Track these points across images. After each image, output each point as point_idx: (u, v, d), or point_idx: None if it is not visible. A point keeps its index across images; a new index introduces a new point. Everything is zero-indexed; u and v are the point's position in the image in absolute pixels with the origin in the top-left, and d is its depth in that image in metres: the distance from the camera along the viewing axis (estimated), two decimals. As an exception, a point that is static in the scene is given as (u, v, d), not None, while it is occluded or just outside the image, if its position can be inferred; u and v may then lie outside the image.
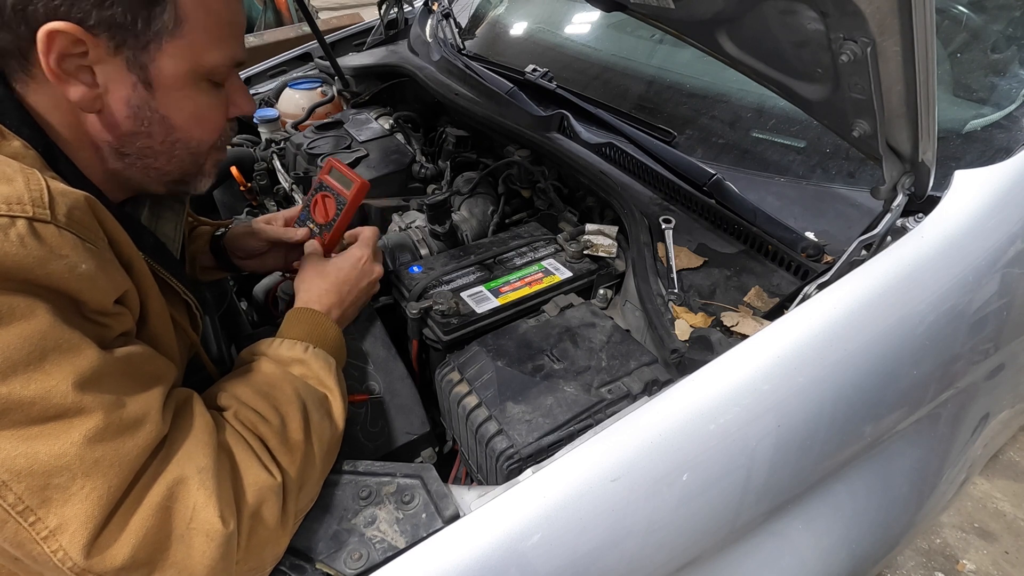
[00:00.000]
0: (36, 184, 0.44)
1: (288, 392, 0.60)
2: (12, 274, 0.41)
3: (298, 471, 0.55)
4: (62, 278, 0.43)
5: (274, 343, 0.67)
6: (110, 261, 0.50)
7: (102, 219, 0.50)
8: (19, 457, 0.41)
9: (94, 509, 0.42)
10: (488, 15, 1.87)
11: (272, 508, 0.51)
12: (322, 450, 0.59)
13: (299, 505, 0.56)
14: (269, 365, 0.63)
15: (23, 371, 0.41)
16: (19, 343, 0.41)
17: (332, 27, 2.76)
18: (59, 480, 0.42)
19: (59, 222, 0.44)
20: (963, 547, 1.66)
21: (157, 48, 0.54)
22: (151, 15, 0.52)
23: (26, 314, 0.42)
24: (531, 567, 0.54)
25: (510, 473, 0.64)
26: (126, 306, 0.52)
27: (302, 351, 0.66)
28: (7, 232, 0.41)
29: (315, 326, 0.71)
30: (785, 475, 0.67)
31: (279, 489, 0.52)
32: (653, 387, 0.71)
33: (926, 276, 0.70)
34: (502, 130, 1.21)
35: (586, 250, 0.94)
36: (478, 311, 0.83)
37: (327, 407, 0.63)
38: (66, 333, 0.43)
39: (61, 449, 0.42)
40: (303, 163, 1.31)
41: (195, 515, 0.46)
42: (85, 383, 0.43)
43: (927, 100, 0.57)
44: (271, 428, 0.56)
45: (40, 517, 0.41)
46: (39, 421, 0.42)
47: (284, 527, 0.53)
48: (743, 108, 1.13)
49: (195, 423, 0.51)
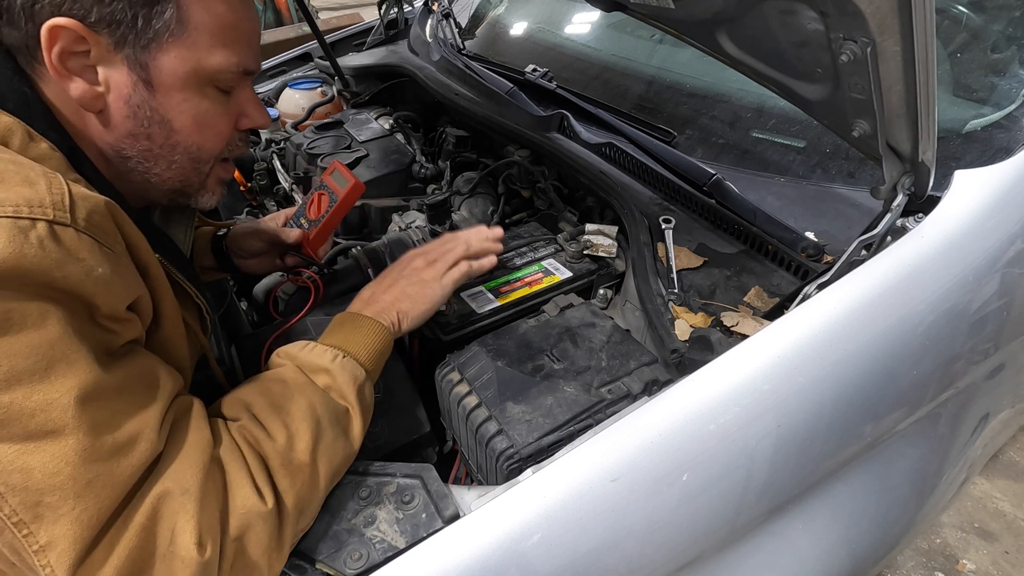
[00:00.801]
0: (58, 188, 0.45)
1: (303, 407, 0.57)
2: (30, 277, 0.41)
3: (297, 495, 0.53)
4: (78, 281, 0.44)
5: (307, 347, 0.64)
6: (126, 266, 0.50)
7: (121, 223, 0.50)
8: (15, 472, 0.40)
9: (83, 530, 0.42)
10: (488, 15, 1.87)
11: (259, 534, 0.49)
12: (329, 471, 0.57)
13: (297, 527, 0.54)
14: (293, 373, 0.61)
15: (27, 381, 0.41)
16: (27, 352, 0.41)
17: (332, 27, 2.76)
18: (51, 499, 0.41)
19: (78, 225, 0.45)
20: (963, 547, 1.66)
21: (158, 48, 0.54)
22: (152, 13, 0.52)
23: (37, 322, 0.41)
24: (531, 567, 0.54)
25: (510, 473, 0.64)
26: (138, 312, 0.52)
27: (330, 360, 0.62)
28: (27, 235, 0.41)
29: (354, 332, 0.67)
30: (785, 475, 0.67)
31: (269, 516, 0.50)
32: (653, 387, 0.71)
33: (926, 276, 0.70)
34: (502, 130, 1.21)
35: (586, 250, 0.94)
36: (478, 311, 0.83)
37: (344, 424, 0.60)
38: (74, 344, 0.43)
39: (55, 467, 0.41)
40: (303, 163, 1.31)
41: (174, 538, 0.45)
42: (86, 398, 0.43)
43: (927, 100, 0.57)
44: (275, 447, 0.54)
45: (32, 532, 0.41)
46: (36, 436, 0.41)
47: (278, 551, 0.51)
48: (743, 108, 1.13)
49: (188, 439, 0.50)
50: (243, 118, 0.65)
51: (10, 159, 0.45)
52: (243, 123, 0.65)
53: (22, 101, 0.51)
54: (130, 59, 0.54)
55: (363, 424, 0.62)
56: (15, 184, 0.43)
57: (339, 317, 0.70)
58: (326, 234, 0.88)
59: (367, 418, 0.63)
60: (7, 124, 0.49)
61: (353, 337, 0.67)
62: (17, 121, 0.49)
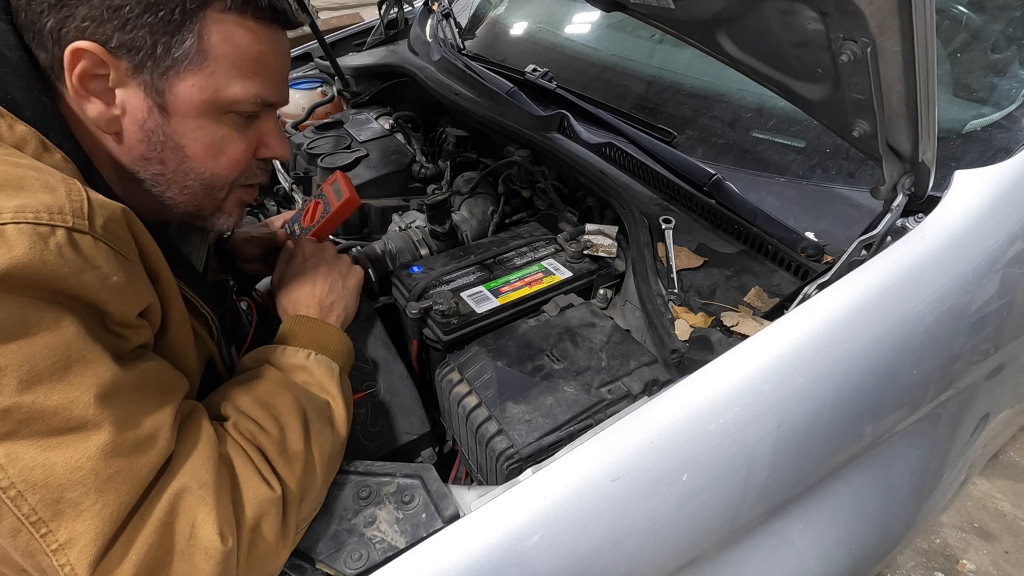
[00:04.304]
0: (77, 195, 0.45)
1: (288, 401, 0.59)
2: (47, 283, 0.42)
3: (298, 482, 0.55)
4: (93, 289, 0.44)
5: (277, 350, 0.66)
6: (139, 273, 0.51)
7: (135, 231, 0.51)
8: (36, 468, 0.41)
9: (104, 525, 0.42)
10: (488, 15, 1.87)
11: (272, 522, 0.51)
12: (323, 459, 0.59)
13: (300, 515, 0.55)
14: (271, 373, 0.63)
15: (47, 380, 0.41)
16: (45, 352, 0.41)
17: (332, 27, 2.76)
18: (72, 494, 0.42)
19: (96, 233, 0.45)
20: (963, 547, 1.66)
21: (176, 75, 0.55)
22: (172, 42, 0.53)
23: (52, 325, 0.42)
24: (531, 567, 0.54)
25: (510, 473, 0.64)
26: (147, 319, 0.53)
27: (304, 358, 0.65)
28: (47, 241, 0.42)
29: (316, 332, 0.70)
30: (785, 475, 0.67)
31: (278, 502, 0.52)
32: (653, 387, 0.71)
33: (926, 276, 0.70)
34: (502, 130, 1.21)
35: (586, 250, 0.94)
36: (478, 311, 0.83)
37: (329, 414, 0.62)
38: (89, 345, 0.44)
39: (77, 462, 0.42)
40: (303, 163, 1.31)
41: (194, 532, 0.46)
42: (105, 396, 0.43)
43: (927, 100, 0.57)
44: (270, 439, 0.56)
45: (52, 530, 0.41)
46: (59, 432, 0.42)
47: (285, 539, 0.53)
48: (743, 108, 1.13)
49: (200, 436, 0.51)
50: (263, 148, 0.66)
51: (30, 165, 0.46)
52: (262, 152, 0.66)
53: (40, 111, 0.52)
54: (147, 84, 0.55)
55: (347, 413, 0.64)
56: (36, 190, 0.43)
57: (290, 323, 0.72)
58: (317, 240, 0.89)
59: (350, 407, 0.66)
60: (22, 133, 0.49)
61: (316, 337, 0.70)
62: (32, 130, 0.50)
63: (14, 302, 0.40)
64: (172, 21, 0.52)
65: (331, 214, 0.87)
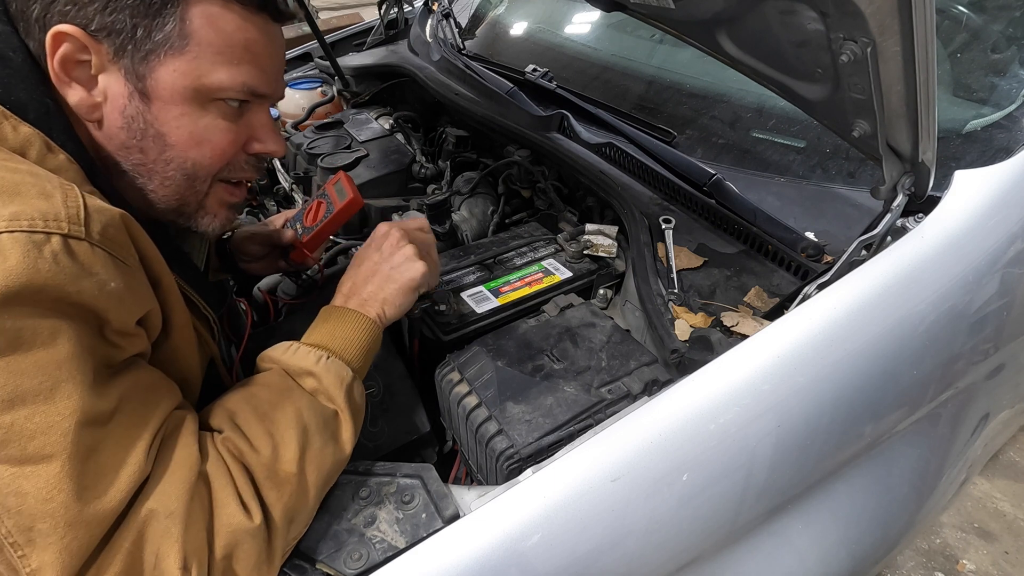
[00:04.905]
0: (73, 200, 0.45)
1: (289, 415, 0.56)
2: (44, 293, 0.41)
3: (285, 507, 0.52)
4: (92, 296, 0.43)
5: (290, 349, 0.62)
6: (139, 279, 0.50)
7: (135, 236, 0.50)
8: (10, 495, 0.40)
9: (72, 559, 0.42)
10: (488, 15, 1.87)
11: (247, 551, 0.49)
12: (319, 479, 0.55)
13: (289, 537, 0.53)
14: (278, 378, 0.60)
15: (31, 402, 0.40)
16: (33, 371, 0.40)
17: (332, 27, 2.76)
18: (42, 525, 0.41)
19: (93, 239, 0.44)
20: (963, 547, 1.66)
21: (157, 60, 0.54)
22: (153, 25, 0.52)
23: (47, 341, 0.41)
24: (531, 567, 0.54)
25: (510, 473, 0.64)
26: (146, 325, 0.52)
27: (315, 362, 0.60)
28: (42, 249, 0.41)
29: (339, 328, 0.65)
30: (785, 475, 0.67)
31: (257, 532, 0.49)
32: (653, 387, 0.71)
33: (926, 276, 0.70)
34: (502, 130, 1.21)
35: (586, 250, 0.94)
36: (478, 311, 0.83)
37: (333, 428, 0.58)
38: (81, 365, 0.43)
39: (48, 494, 0.41)
40: (303, 163, 1.31)
41: (158, 563, 0.45)
42: (86, 423, 0.43)
43: (927, 100, 0.57)
44: (260, 460, 0.53)
45: (26, 554, 0.41)
46: (33, 460, 0.41)
47: (268, 565, 0.51)
48: (743, 108, 1.13)
49: (175, 457, 0.49)
50: (254, 142, 0.63)
51: (28, 170, 0.45)
52: (253, 147, 0.64)
53: (43, 111, 0.51)
54: (128, 69, 0.54)
55: (354, 426, 0.60)
56: (31, 196, 0.43)
57: (323, 312, 0.68)
58: (318, 242, 0.89)
59: (358, 419, 0.61)
60: (26, 135, 0.49)
61: (338, 334, 0.64)
62: (36, 132, 0.50)
63: (8, 315, 0.40)
64: (153, 4, 0.52)
65: (334, 214, 0.87)
